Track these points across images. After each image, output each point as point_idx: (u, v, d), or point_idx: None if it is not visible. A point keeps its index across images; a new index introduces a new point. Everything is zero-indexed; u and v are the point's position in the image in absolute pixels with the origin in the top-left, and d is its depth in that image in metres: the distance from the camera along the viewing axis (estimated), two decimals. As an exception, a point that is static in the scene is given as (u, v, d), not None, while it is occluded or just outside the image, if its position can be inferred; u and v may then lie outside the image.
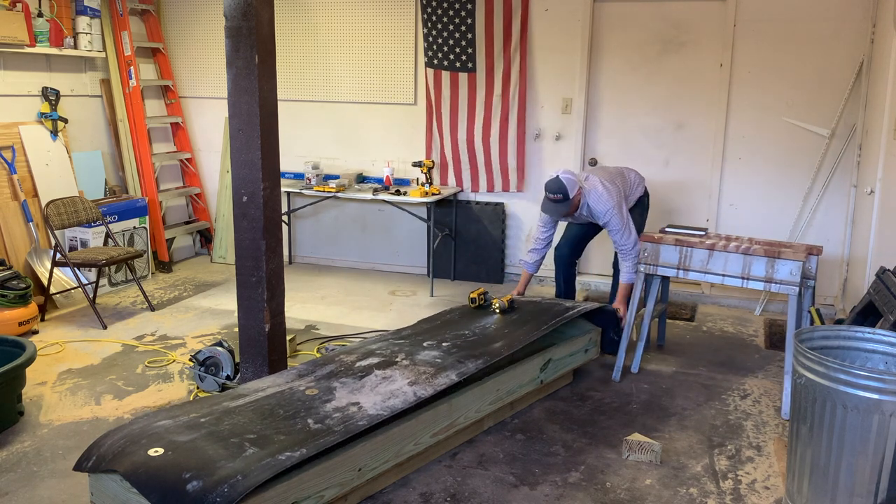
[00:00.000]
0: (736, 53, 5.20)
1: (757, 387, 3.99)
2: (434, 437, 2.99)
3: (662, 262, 3.93)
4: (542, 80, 5.66)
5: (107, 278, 5.51)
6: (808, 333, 2.78)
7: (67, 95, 5.55)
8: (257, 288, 3.44)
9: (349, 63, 6.07)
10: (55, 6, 5.37)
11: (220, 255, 6.45)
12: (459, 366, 3.15)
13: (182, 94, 6.52)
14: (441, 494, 2.89)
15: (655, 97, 5.45)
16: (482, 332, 3.63)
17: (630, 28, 5.44)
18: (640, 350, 4.14)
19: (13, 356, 3.44)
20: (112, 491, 2.41)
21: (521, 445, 3.29)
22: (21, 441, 3.28)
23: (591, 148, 5.71)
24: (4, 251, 4.91)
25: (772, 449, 3.31)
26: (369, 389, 2.93)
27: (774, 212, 5.30)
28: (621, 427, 3.48)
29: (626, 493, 2.93)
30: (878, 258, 4.02)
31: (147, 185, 6.01)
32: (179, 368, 4.12)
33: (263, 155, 3.34)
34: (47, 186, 5.24)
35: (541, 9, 5.55)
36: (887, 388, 2.36)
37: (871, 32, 4.84)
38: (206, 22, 6.31)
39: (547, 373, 3.62)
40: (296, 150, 6.30)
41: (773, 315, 5.26)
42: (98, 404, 3.67)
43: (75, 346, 4.44)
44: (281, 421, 2.65)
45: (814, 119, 5.11)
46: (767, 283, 3.68)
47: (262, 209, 3.37)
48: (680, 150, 5.49)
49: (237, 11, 3.24)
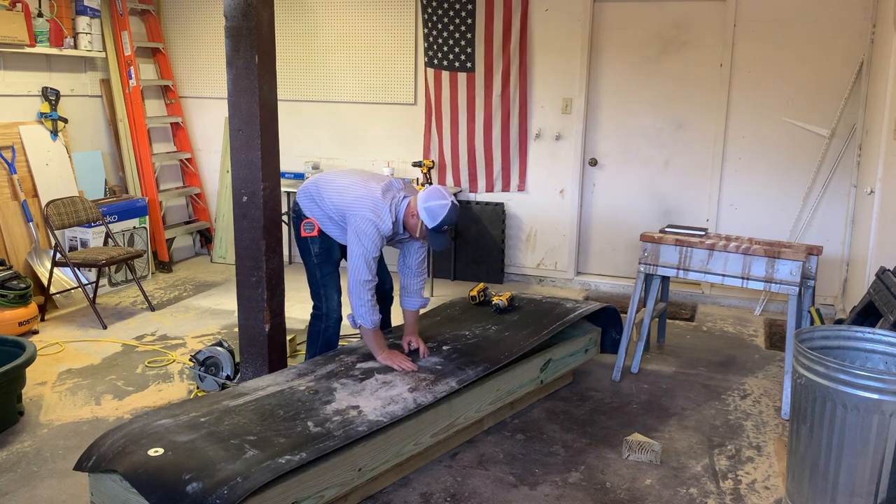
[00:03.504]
0: (736, 53, 5.20)
1: (757, 387, 3.99)
2: (434, 438, 2.99)
3: (662, 262, 3.93)
4: (542, 80, 5.66)
5: (107, 278, 5.51)
6: (808, 333, 2.78)
7: (67, 95, 5.55)
8: (257, 288, 3.44)
9: (349, 63, 6.06)
10: (55, 6, 5.37)
11: (220, 255, 6.45)
12: (459, 373, 3.14)
13: (182, 94, 6.52)
14: (441, 494, 2.89)
15: (655, 97, 5.45)
16: (482, 333, 3.63)
17: (630, 28, 5.44)
18: (640, 350, 4.14)
19: (13, 356, 3.44)
20: (112, 491, 2.41)
21: (521, 445, 3.29)
22: (21, 441, 3.28)
23: (591, 148, 5.71)
24: (4, 251, 4.91)
25: (772, 449, 3.31)
26: (369, 393, 2.93)
27: (774, 212, 5.30)
28: (621, 427, 3.48)
29: (626, 493, 2.93)
30: (878, 258, 4.02)
31: (147, 185, 6.01)
32: (179, 368, 4.12)
33: (263, 155, 3.34)
34: (47, 186, 5.24)
35: (541, 9, 5.55)
36: (887, 388, 2.36)
37: (871, 32, 4.84)
38: (206, 22, 6.31)
39: (547, 373, 3.62)
40: (296, 150, 6.30)
41: (773, 315, 5.26)
42: (98, 404, 3.67)
43: (75, 346, 4.44)
44: (281, 422, 2.65)
45: (814, 119, 5.10)
46: (767, 283, 3.68)
47: (262, 209, 3.37)
48: (680, 150, 5.49)
49: (237, 11, 3.24)
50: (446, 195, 3.16)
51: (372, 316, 3.19)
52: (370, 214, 3.15)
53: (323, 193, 3.37)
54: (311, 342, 3.63)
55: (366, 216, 3.15)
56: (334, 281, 3.53)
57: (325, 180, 3.42)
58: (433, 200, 3.13)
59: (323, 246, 3.44)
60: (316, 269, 3.48)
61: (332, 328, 3.57)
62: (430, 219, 3.13)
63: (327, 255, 3.47)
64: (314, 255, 3.45)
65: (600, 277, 5.85)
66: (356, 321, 3.23)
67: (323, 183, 3.41)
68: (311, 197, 3.43)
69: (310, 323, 3.62)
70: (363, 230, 3.15)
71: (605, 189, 5.74)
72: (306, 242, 3.45)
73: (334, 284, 3.53)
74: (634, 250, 5.54)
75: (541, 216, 5.86)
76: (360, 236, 3.14)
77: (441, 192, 3.16)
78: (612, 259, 5.84)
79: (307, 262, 3.51)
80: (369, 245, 3.14)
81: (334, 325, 3.57)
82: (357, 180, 3.31)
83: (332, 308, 3.53)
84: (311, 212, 3.42)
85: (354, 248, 3.17)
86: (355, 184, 3.29)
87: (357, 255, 3.16)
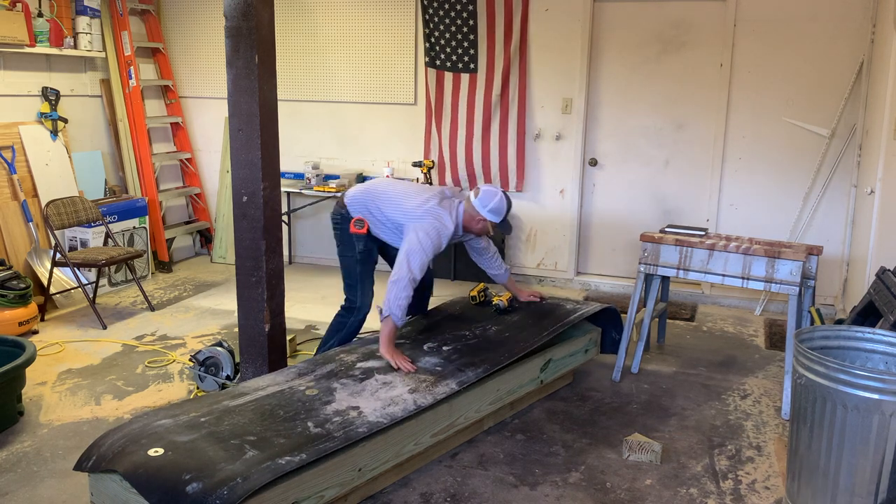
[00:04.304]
0: (736, 53, 5.20)
1: (757, 387, 3.99)
2: (434, 438, 2.99)
3: (662, 262, 3.93)
4: (542, 80, 5.66)
5: (107, 278, 5.51)
6: (808, 333, 2.78)
7: (67, 95, 5.55)
8: (257, 288, 3.44)
9: (349, 63, 6.06)
10: (55, 6, 5.37)
11: (220, 255, 6.45)
12: (459, 374, 3.14)
13: (182, 94, 6.52)
14: (441, 494, 2.89)
15: (655, 97, 5.45)
16: (482, 334, 3.62)
17: (630, 28, 5.44)
18: (640, 350, 4.14)
19: (13, 356, 3.44)
20: (112, 491, 2.41)
21: (522, 445, 3.29)
22: (21, 441, 3.28)
23: (591, 148, 5.71)
24: (4, 251, 4.91)
25: (772, 449, 3.31)
26: (369, 394, 2.93)
27: (774, 212, 5.30)
28: (621, 427, 3.48)
29: (626, 493, 2.93)
30: (878, 258, 4.02)
31: (147, 185, 6.01)
32: (179, 368, 4.12)
33: (263, 155, 3.34)
34: (47, 186, 5.24)
35: (541, 9, 5.55)
36: (887, 388, 2.36)
37: (871, 32, 4.84)
38: (206, 22, 6.31)
39: (547, 373, 3.62)
40: (296, 150, 6.30)
41: (773, 315, 5.26)
42: (98, 404, 3.67)
43: (75, 346, 4.44)
44: (281, 422, 2.65)
45: (814, 119, 5.10)
46: (767, 283, 3.68)
47: (262, 209, 3.37)
48: (680, 150, 5.49)
49: (237, 11, 3.24)
50: (496, 191, 3.49)
51: (404, 312, 3.33)
52: (435, 222, 3.38)
53: (378, 203, 3.55)
54: (332, 332, 3.75)
55: (432, 224, 3.37)
56: (371, 278, 3.72)
57: (376, 192, 3.59)
58: (492, 201, 3.45)
59: (367, 245, 3.64)
60: (357, 264, 3.65)
61: (358, 322, 3.74)
62: (495, 216, 3.48)
63: (369, 254, 3.67)
64: (358, 251, 3.63)
65: (600, 277, 5.85)
66: (388, 312, 3.32)
67: (374, 194, 3.59)
68: (363, 204, 3.60)
69: (339, 314, 3.75)
70: (427, 234, 3.35)
71: (605, 189, 5.74)
72: (352, 239, 3.62)
73: (371, 281, 3.72)
74: (634, 250, 5.54)
75: (541, 216, 5.86)
76: (422, 241, 3.34)
77: (493, 191, 3.49)
78: (612, 259, 5.84)
79: (348, 258, 3.67)
80: (429, 249, 3.35)
81: (362, 320, 3.75)
82: (411, 191, 3.55)
83: (365, 303, 3.72)
84: (363, 215, 3.60)
85: (414, 249, 3.33)
86: (410, 195, 3.52)
87: (415, 255, 3.33)
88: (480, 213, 3.47)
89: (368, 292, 3.71)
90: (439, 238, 3.38)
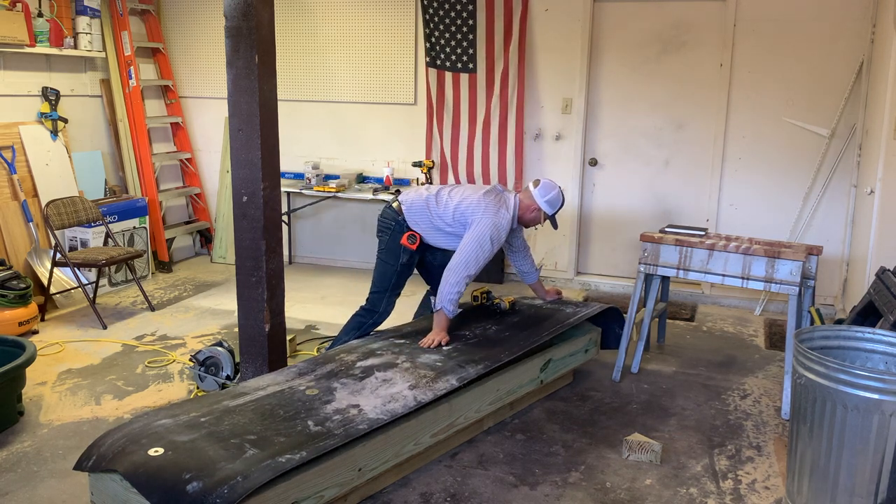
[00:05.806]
0: (736, 53, 5.20)
1: (757, 387, 3.99)
2: (434, 437, 2.99)
3: (662, 262, 3.93)
4: (542, 80, 5.66)
5: (107, 278, 5.51)
6: (808, 333, 2.78)
7: (67, 95, 5.55)
8: (257, 288, 3.44)
9: (349, 63, 6.07)
10: (55, 6, 5.37)
11: (220, 255, 6.45)
12: (460, 370, 3.15)
13: (182, 94, 6.52)
14: (441, 494, 2.89)
15: (655, 97, 5.45)
16: (483, 333, 3.63)
17: (630, 28, 5.44)
18: (640, 350, 4.14)
19: (13, 356, 3.44)
20: (112, 491, 2.41)
21: (521, 445, 3.29)
22: (21, 441, 3.28)
23: (590, 148, 5.71)
24: (4, 251, 4.91)
25: (772, 449, 3.31)
26: (370, 392, 2.93)
27: (774, 212, 5.30)
28: (621, 427, 3.48)
29: (626, 493, 2.93)
30: (878, 258, 4.02)
31: (147, 185, 6.01)
32: (179, 368, 4.12)
33: (263, 155, 3.34)
34: (47, 186, 5.24)
35: (541, 9, 5.55)
36: (887, 388, 2.36)
37: (871, 32, 4.84)
38: (206, 22, 6.31)
39: (547, 373, 3.62)
40: (296, 150, 6.30)
41: (773, 315, 5.26)
42: (98, 404, 3.67)
43: (75, 346, 4.44)
44: (281, 422, 2.65)
45: (814, 119, 5.10)
46: (767, 283, 3.68)
47: (262, 209, 3.37)
48: (680, 150, 5.49)
49: (237, 11, 3.24)
50: (555, 185, 3.73)
51: (455, 306, 3.53)
52: (496, 219, 3.56)
53: (441, 203, 3.69)
54: (348, 330, 3.85)
55: (493, 221, 3.55)
56: (400, 290, 3.86)
57: (438, 193, 3.75)
58: (550, 193, 3.69)
59: (411, 259, 3.79)
60: (395, 274, 3.77)
61: (375, 325, 3.85)
62: (550, 207, 3.71)
63: (409, 267, 3.81)
64: (401, 263, 3.76)
65: (600, 277, 5.85)
66: (440, 306, 3.49)
67: (434, 195, 3.75)
68: (422, 208, 3.71)
69: (357, 314, 3.86)
70: (489, 228, 3.53)
71: (605, 189, 5.74)
72: (398, 249, 3.74)
73: (398, 293, 3.86)
74: (634, 250, 5.54)
75: (541, 216, 5.85)
76: (481, 238, 3.51)
77: (552, 185, 3.72)
78: (612, 259, 5.84)
79: (388, 266, 3.78)
80: (487, 246, 3.52)
81: (379, 323, 3.86)
82: (470, 188, 3.76)
83: (387, 311, 3.84)
84: (418, 224, 3.72)
85: (472, 246, 3.51)
86: (470, 189, 3.73)
87: (474, 251, 3.50)
88: (537, 201, 3.68)
89: (393, 302, 3.85)
90: (499, 234, 3.57)
